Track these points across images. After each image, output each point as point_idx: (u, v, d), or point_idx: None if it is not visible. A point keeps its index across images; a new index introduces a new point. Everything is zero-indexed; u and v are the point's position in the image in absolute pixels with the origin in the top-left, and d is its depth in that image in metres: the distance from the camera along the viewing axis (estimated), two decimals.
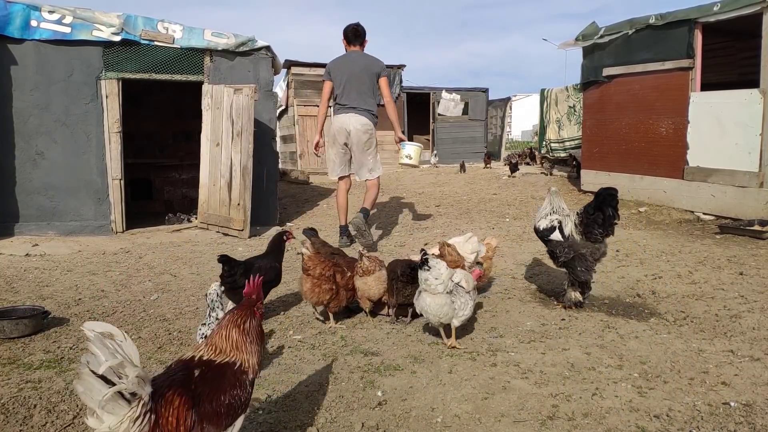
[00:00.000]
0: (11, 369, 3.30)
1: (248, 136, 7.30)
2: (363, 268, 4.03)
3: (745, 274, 5.08)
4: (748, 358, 3.32)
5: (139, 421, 1.67)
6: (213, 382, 1.90)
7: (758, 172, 7.14)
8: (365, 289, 4.04)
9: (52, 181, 7.27)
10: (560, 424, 2.63)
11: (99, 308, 4.45)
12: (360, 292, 4.06)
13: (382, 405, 2.84)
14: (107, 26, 7.25)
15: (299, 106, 14.44)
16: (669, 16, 8.22)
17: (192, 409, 1.81)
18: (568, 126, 15.15)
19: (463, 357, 3.42)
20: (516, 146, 28.86)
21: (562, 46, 10.80)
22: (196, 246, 6.88)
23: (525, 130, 42.78)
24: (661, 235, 6.97)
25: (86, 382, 1.62)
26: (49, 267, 5.79)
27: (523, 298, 4.60)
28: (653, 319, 4.05)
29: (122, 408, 1.65)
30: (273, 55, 8.27)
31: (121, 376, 1.65)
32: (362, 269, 4.03)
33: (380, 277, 4.03)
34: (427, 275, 3.41)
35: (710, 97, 7.96)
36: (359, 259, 4.06)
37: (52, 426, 2.68)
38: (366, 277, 4.02)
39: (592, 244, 4.10)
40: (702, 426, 2.60)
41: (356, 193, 10.51)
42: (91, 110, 7.37)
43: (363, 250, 4.18)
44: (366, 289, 4.03)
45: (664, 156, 8.44)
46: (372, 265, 4.03)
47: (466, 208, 9.12)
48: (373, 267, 4.03)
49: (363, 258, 4.05)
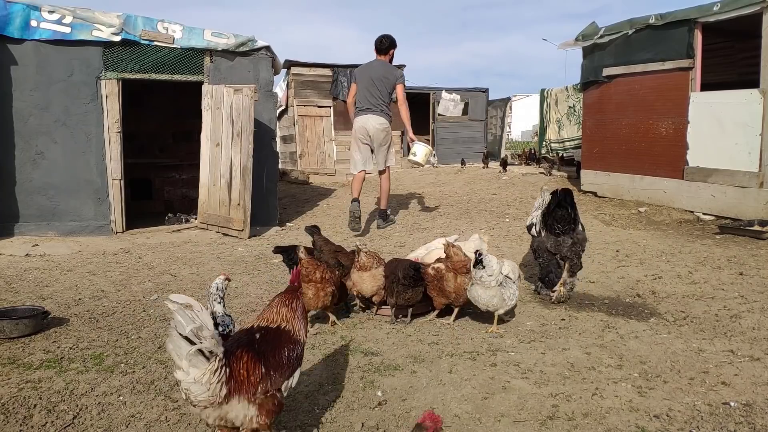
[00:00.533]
0: (11, 369, 3.30)
1: (248, 136, 7.30)
2: (360, 264, 4.05)
3: (745, 274, 5.08)
4: (748, 358, 3.32)
5: (217, 373, 2.02)
6: (272, 342, 2.29)
7: (758, 172, 7.14)
8: (359, 283, 4.07)
9: (52, 181, 7.27)
10: (560, 424, 2.63)
11: (99, 308, 4.45)
12: (353, 284, 4.10)
13: (382, 405, 2.84)
14: (107, 26, 7.25)
15: (299, 106, 14.44)
16: (669, 16, 8.22)
17: (259, 362, 2.19)
18: (568, 126, 15.16)
19: (463, 357, 3.42)
20: (516, 146, 28.87)
21: (562, 46, 10.79)
22: (196, 246, 6.88)
23: (525, 130, 42.75)
24: (661, 235, 6.97)
25: (175, 342, 1.98)
26: (49, 267, 5.79)
27: (523, 298, 4.60)
28: (653, 319, 4.05)
29: (203, 363, 2.00)
30: (273, 55, 8.27)
31: (201, 339, 2.00)
32: (359, 264, 4.05)
33: (375, 275, 4.04)
34: (482, 273, 3.72)
35: (710, 97, 7.96)
36: (357, 254, 4.08)
37: (52, 426, 2.68)
38: (362, 272, 4.05)
39: (555, 238, 4.43)
40: (702, 426, 2.60)
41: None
42: (91, 110, 7.37)
43: (361, 245, 4.19)
44: (360, 282, 4.06)
45: (664, 156, 8.44)
46: (369, 262, 4.04)
47: (465, 208, 9.11)
48: (370, 263, 4.04)
49: (360, 253, 4.06)
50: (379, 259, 4.16)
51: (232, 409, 2.11)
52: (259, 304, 4.53)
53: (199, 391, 2.03)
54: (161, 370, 3.28)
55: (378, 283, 4.04)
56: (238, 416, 2.13)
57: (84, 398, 2.94)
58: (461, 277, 3.86)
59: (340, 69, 14.53)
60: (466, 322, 4.07)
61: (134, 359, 3.44)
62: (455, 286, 3.87)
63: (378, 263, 4.09)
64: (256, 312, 4.34)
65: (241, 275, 5.45)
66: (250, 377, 2.15)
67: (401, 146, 15.06)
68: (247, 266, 5.81)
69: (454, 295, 3.91)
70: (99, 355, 3.50)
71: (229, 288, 5.05)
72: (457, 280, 3.87)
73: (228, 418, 2.12)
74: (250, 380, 2.15)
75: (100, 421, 2.72)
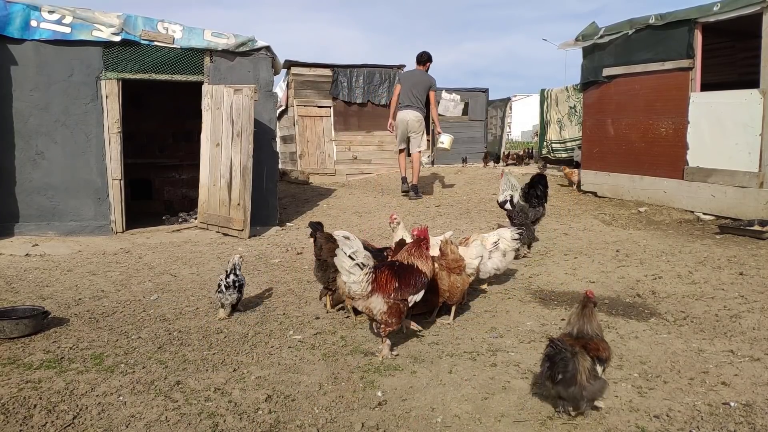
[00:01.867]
0: (11, 369, 3.30)
1: (248, 136, 7.30)
2: None
3: (745, 274, 5.08)
4: (748, 358, 3.32)
5: (367, 277, 3.32)
6: (404, 269, 3.48)
7: (758, 172, 7.14)
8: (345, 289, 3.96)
9: (52, 181, 7.27)
10: (560, 424, 2.63)
11: (99, 308, 4.45)
12: (341, 290, 3.97)
13: (382, 405, 2.84)
14: (107, 26, 7.25)
15: (299, 107, 14.41)
16: (669, 17, 8.22)
17: (394, 278, 3.38)
18: (569, 126, 15.13)
19: (463, 357, 3.42)
20: (516, 146, 28.84)
21: (562, 46, 10.78)
22: (196, 246, 6.88)
23: (525, 130, 42.74)
24: (661, 235, 6.97)
25: (341, 258, 3.30)
26: (49, 267, 5.79)
27: (523, 298, 4.60)
28: (653, 319, 4.05)
29: (359, 271, 3.32)
30: (273, 55, 8.26)
31: (357, 256, 3.32)
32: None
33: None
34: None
35: (710, 97, 7.96)
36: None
37: (52, 426, 2.68)
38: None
39: (533, 209, 6.02)
40: (702, 426, 2.60)
41: (355, 195, 10.49)
42: (91, 110, 7.37)
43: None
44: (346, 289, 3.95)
45: (664, 156, 8.44)
46: None
47: (465, 208, 9.11)
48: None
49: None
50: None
51: (373, 301, 3.34)
52: (259, 304, 4.54)
53: (356, 288, 3.33)
54: (161, 370, 3.28)
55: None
56: (376, 307, 3.34)
57: (84, 398, 2.94)
58: (455, 275, 3.86)
59: (340, 69, 14.51)
60: (466, 322, 4.07)
61: (134, 359, 3.44)
62: (449, 285, 3.87)
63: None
64: (257, 312, 4.35)
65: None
66: (387, 285, 3.35)
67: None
68: (247, 266, 5.80)
69: (448, 293, 3.90)
70: (99, 355, 3.50)
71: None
72: (451, 278, 3.86)
73: (370, 308, 3.36)
74: (387, 287, 3.35)
75: (100, 421, 2.72)
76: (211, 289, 5.03)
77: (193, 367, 3.32)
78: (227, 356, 3.48)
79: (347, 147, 14.63)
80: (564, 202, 9.37)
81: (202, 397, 2.94)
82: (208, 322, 4.13)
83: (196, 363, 3.38)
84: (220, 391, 3.00)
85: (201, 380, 3.14)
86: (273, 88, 8.56)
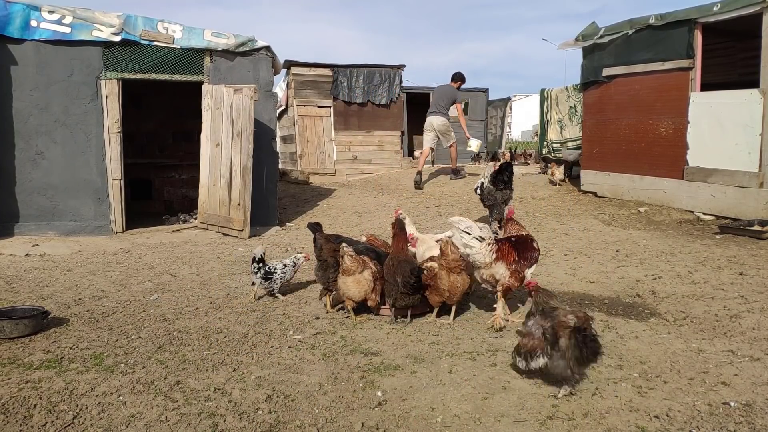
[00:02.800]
0: (11, 369, 3.30)
1: (248, 136, 7.30)
2: (344, 268, 3.90)
3: (745, 275, 5.08)
4: (748, 358, 3.32)
5: (489, 247, 3.86)
6: (522, 244, 4.04)
7: (758, 172, 7.13)
8: (344, 290, 3.95)
9: (52, 181, 7.28)
10: (560, 424, 2.63)
11: (99, 308, 4.45)
12: (340, 291, 4.00)
13: (382, 405, 2.84)
14: (107, 26, 7.25)
15: (299, 107, 14.41)
16: (669, 16, 8.22)
17: (514, 250, 3.93)
18: (570, 126, 15.11)
19: (463, 357, 3.42)
20: (516, 146, 28.83)
21: (562, 46, 10.78)
22: (195, 246, 6.88)
23: (525, 130, 42.76)
24: (661, 235, 6.97)
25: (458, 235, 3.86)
26: (49, 267, 5.79)
27: (523, 299, 4.60)
28: (653, 319, 4.05)
29: (478, 243, 3.84)
30: (273, 55, 8.26)
31: (471, 232, 3.86)
32: (343, 268, 3.90)
33: (360, 280, 3.92)
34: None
35: (710, 98, 7.95)
36: (341, 258, 3.93)
37: (52, 426, 2.68)
38: (345, 276, 3.92)
39: (500, 191, 6.80)
40: (702, 426, 2.60)
41: (355, 195, 10.49)
42: (91, 110, 7.37)
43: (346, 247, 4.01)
44: (345, 289, 3.95)
45: (664, 156, 8.44)
46: (353, 266, 3.91)
47: (465, 208, 9.11)
48: (354, 268, 3.91)
49: (345, 257, 3.91)
50: (364, 262, 4.00)
51: (496, 269, 3.86)
52: (259, 304, 4.54)
53: (479, 257, 3.84)
54: (161, 370, 3.28)
55: (366, 288, 3.92)
56: (499, 272, 3.86)
57: (84, 398, 2.94)
58: (454, 275, 3.86)
59: (340, 69, 14.51)
60: (466, 322, 4.07)
61: (134, 359, 3.44)
62: (449, 284, 3.86)
63: (362, 267, 3.94)
64: (257, 312, 4.35)
65: (240, 275, 5.46)
66: (508, 255, 3.89)
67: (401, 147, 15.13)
68: (246, 266, 5.78)
69: (448, 293, 3.90)
70: (99, 355, 3.50)
71: (229, 288, 5.06)
72: (450, 278, 3.86)
73: (493, 274, 3.86)
74: (508, 256, 3.89)
75: (100, 421, 2.72)
76: (211, 289, 5.04)
77: (193, 367, 3.32)
78: (227, 356, 3.48)
79: (347, 147, 14.63)
80: (564, 202, 9.37)
81: (202, 397, 2.94)
82: (208, 322, 4.13)
83: (196, 363, 3.38)
84: (220, 391, 3.00)
85: (201, 380, 3.14)
86: (273, 88, 8.57)
